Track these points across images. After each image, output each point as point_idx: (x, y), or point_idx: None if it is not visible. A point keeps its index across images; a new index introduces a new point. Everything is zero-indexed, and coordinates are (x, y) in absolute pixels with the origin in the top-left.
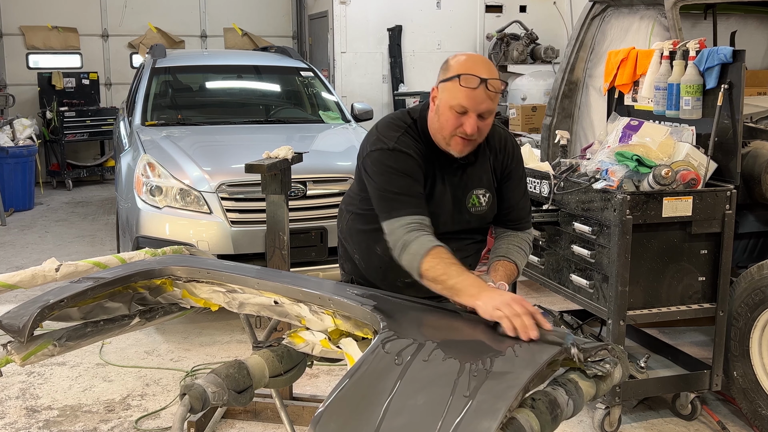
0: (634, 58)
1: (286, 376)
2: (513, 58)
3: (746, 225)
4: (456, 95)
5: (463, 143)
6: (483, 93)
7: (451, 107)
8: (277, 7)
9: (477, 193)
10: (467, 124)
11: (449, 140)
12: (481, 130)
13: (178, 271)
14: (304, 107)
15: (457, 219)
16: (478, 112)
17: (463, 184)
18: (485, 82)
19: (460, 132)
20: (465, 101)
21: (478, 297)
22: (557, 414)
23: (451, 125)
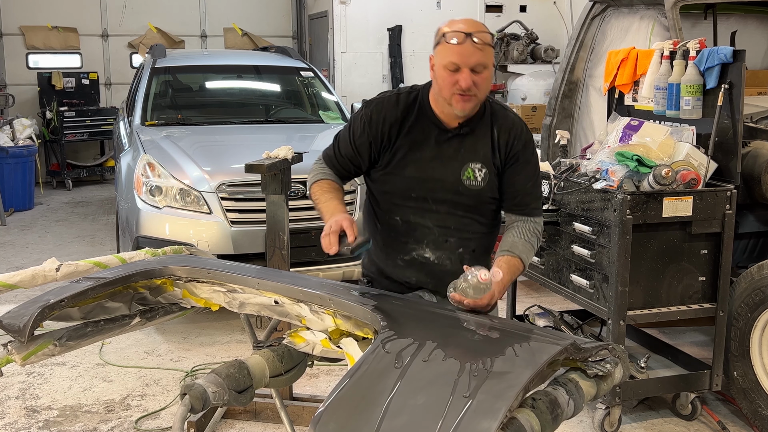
0: (634, 58)
1: (286, 375)
2: (513, 58)
3: (746, 225)
4: (446, 54)
5: (463, 100)
6: (470, 47)
7: (444, 67)
8: (277, 7)
9: (473, 167)
10: (462, 79)
11: (450, 100)
12: (477, 84)
13: (179, 271)
14: (304, 107)
15: (451, 189)
16: (470, 66)
17: (459, 156)
18: (470, 35)
19: (457, 89)
20: (454, 57)
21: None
22: (558, 414)
23: (448, 84)
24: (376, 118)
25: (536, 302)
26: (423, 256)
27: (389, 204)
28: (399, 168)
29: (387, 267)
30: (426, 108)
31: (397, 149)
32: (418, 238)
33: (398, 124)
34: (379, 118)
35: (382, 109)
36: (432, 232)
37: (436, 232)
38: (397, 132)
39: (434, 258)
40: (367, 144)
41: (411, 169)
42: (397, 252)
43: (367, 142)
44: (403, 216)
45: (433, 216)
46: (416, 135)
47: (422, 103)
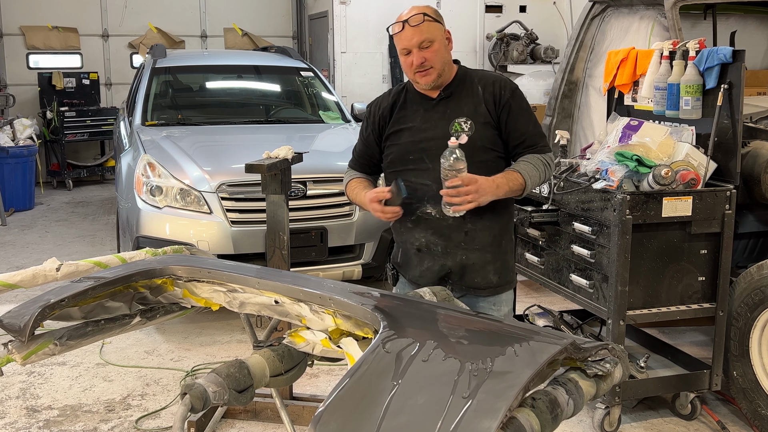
0: (634, 58)
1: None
2: (513, 58)
3: (746, 225)
4: (397, 44)
5: (422, 75)
6: (409, 30)
7: (400, 53)
8: (277, 7)
9: (458, 120)
10: (414, 57)
11: (414, 78)
12: (428, 58)
13: (179, 271)
14: (304, 107)
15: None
16: (415, 45)
17: (445, 116)
18: (405, 22)
19: (414, 68)
20: (401, 43)
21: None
22: (557, 413)
23: (407, 66)
24: (374, 111)
25: (536, 302)
26: (426, 212)
27: (393, 174)
28: (396, 139)
29: (402, 235)
30: (411, 90)
31: (392, 125)
32: (419, 197)
33: (390, 107)
34: (376, 109)
35: (378, 102)
36: (431, 189)
37: (434, 188)
38: (390, 113)
39: (435, 212)
40: (373, 134)
41: (405, 136)
42: (406, 215)
43: (373, 133)
44: (405, 180)
45: (431, 173)
46: (407, 111)
47: (408, 87)
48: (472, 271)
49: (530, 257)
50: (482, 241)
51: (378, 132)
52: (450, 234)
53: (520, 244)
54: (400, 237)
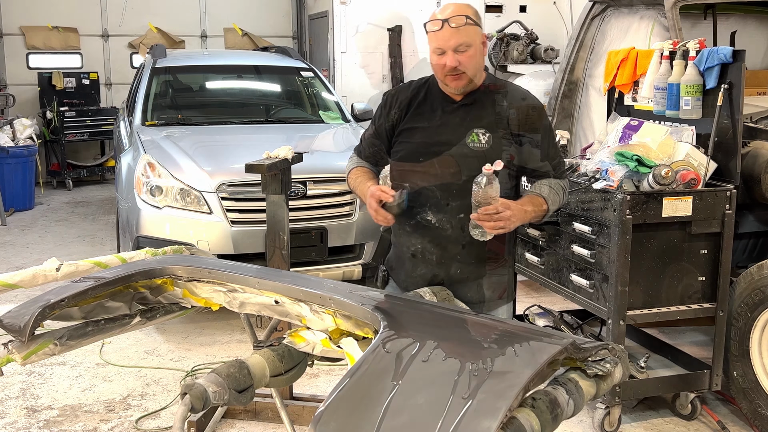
0: (634, 58)
1: (286, 375)
2: (513, 58)
3: (746, 225)
4: (431, 41)
5: (454, 78)
6: (448, 31)
7: (432, 52)
8: (277, 7)
9: (477, 131)
10: (447, 60)
11: (444, 80)
12: (463, 62)
13: (179, 271)
14: (304, 107)
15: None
16: (451, 47)
17: (464, 123)
18: (446, 21)
19: (447, 70)
20: (436, 42)
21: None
22: (557, 413)
23: (438, 67)
24: (391, 101)
25: (536, 302)
26: (425, 219)
27: (400, 172)
28: (409, 136)
29: (399, 237)
30: (434, 88)
31: (408, 121)
32: (422, 202)
33: (408, 101)
34: (394, 100)
35: (396, 92)
36: (434, 195)
37: (438, 195)
38: (407, 107)
39: (435, 221)
40: (386, 124)
41: (419, 136)
42: (405, 218)
43: (386, 123)
44: (411, 181)
45: (438, 179)
46: (425, 108)
47: (431, 84)
48: (465, 284)
49: (530, 257)
50: (479, 256)
51: (392, 123)
52: (447, 245)
53: (520, 244)
54: (397, 239)
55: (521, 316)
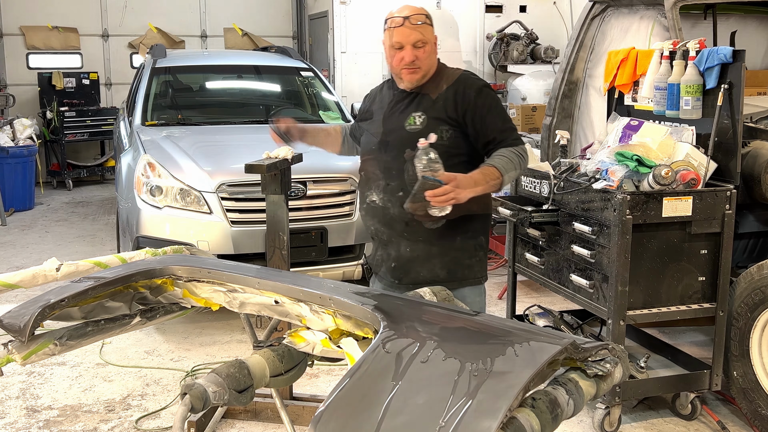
0: (634, 58)
1: (286, 375)
2: (513, 58)
3: (746, 225)
4: (389, 36)
5: (409, 72)
6: (408, 27)
7: (390, 47)
8: (277, 7)
9: (414, 115)
10: (405, 54)
11: (399, 74)
12: (420, 57)
13: (179, 271)
14: (304, 107)
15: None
16: (410, 43)
17: (407, 111)
18: (407, 18)
19: (404, 64)
20: (396, 37)
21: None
22: (557, 413)
23: (395, 61)
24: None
25: (536, 302)
26: (373, 201)
27: (361, 162)
28: (366, 127)
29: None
30: (392, 82)
31: (367, 114)
32: (370, 186)
33: (372, 97)
34: (367, 98)
35: (370, 91)
36: (379, 177)
37: (381, 176)
38: (370, 102)
39: (379, 201)
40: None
41: (373, 126)
42: (361, 201)
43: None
44: (365, 168)
45: (382, 163)
46: (380, 101)
47: (392, 81)
48: (416, 263)
49: (530, 257)
50: (426, 233)
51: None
52: (393, 224)
53: (520, 244)
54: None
55: (521, 316)
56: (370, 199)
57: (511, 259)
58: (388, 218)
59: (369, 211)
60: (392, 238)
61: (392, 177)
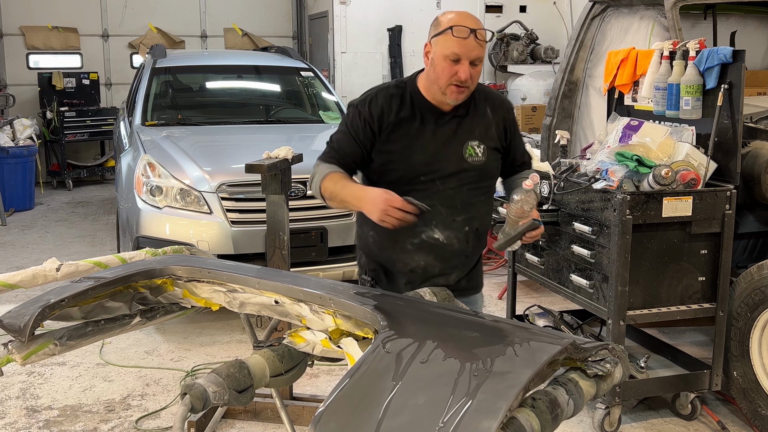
0: (634, 58)
1: (286, 375)
2: (513, 58)
3: (746, 225)
4: (449, 45)
5: (458, 91)
6: (473, 41)
7: (445, 57)
8: (277, 8)
9: (471, 144)
10: (461, 70)
11: (445, 89)
12: (473, 77)
13: (179, 271)
14: (304, 107)
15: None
16: (470, 59)
17: (457, 136)
18: (474, 32)
19: (455, 80)
20: (458, 49)
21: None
22: (557, 413)
23: (447, 74)
24: (376, 113)
25: (536, 302)
26: (433, 237)
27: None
28: (404, 155)
29: (394, 254)
30: (418, 97)
31: (398, 139)
32: (426, 220)
33: (395, 115)
34: (378, 112)
35: (377, 103)
36: (440, 212)
37: (444, 212)
38: (395, 123)
39: (443, 238)
40: (371, 139)
41: (417, 155)
42: (406, 237)
43: (371, 137)
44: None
45: (441, 196)
46: (415, 122)
47: (413, 92)
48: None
49: (530, 257)
50: (474, 259)
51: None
52: (452, 258)
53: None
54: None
55: (521, 316)
56: (428, 236)
57: (511, 259)
58: (448, 253)
59: (423, 247)
60: (445, 270)
61: (457, 212)
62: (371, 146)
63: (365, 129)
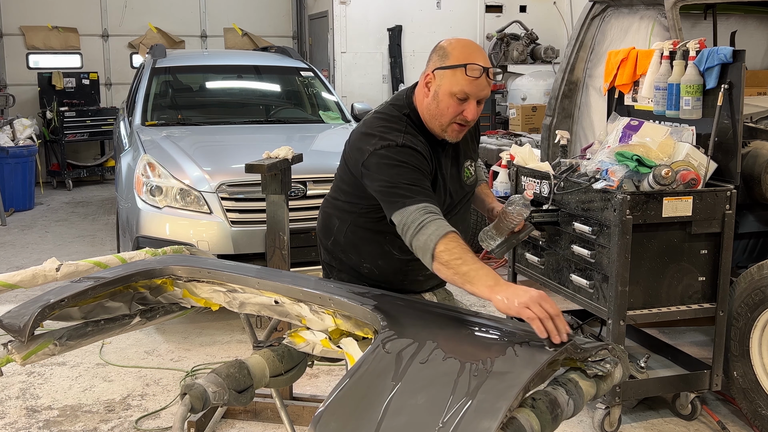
0: (634, 58)
1: (286, 375)
2: (513, 58)
3: (746, 225)
4: (460, 83)
5: (460, 129)
6: (484, 81)
7: (452, 94)
8: (277, 7)
9: (466, 165)
10: (468, 110)
11: (446, 127)
12: (476, 117)
13: (179, 271)
14: (304, 107)
15: (459, 193)
16: (479, 98)
17: (456, 162)
18: (486, 71)
19: (460, 119)
20: (469, 89)
21: (495, 290)
22: (557, 414)
23: (452, 112)
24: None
25: None
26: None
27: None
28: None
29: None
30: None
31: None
32: None
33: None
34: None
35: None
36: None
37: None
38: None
39: None
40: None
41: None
42: (418, 270)
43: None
44: None
45: (457, 220)
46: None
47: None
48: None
49: (530, 257)
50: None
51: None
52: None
53: (520, 244)
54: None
55: None
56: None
57: (511, 259)
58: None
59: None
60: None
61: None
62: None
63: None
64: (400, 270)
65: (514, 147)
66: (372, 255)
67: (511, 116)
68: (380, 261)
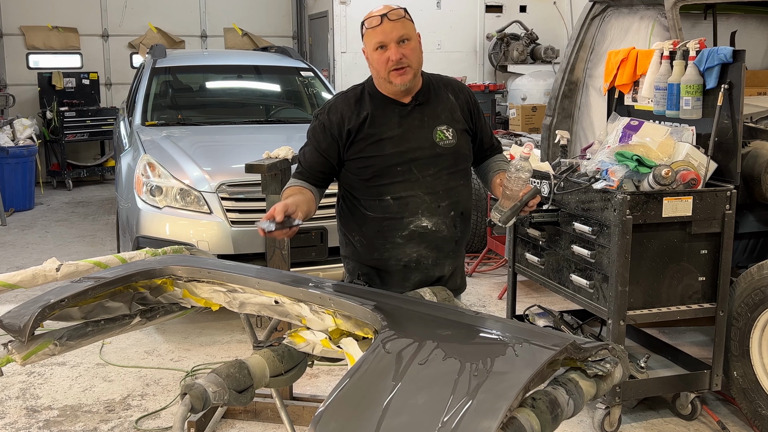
0: (634, 58)
1: (286, 375)
2: (513, 58)
3: (746, 225)
4: (371, 38)
5: (400, 73)
6: (388, 24)
7: (373, 49)
8: (277, 7)
9: (440, 129)
10: (391, 53)
11: (388, 77)
12: (407, 55)
13: (179, 271)
14: (304, 107)
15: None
16: (394, 40)
17: (425, 124)
18: (385, 15)
19: (390, 64)
20: (377, 37)
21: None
22: (557, 413)
23: (381, 63)
24: (335, 120)
25: (536, 302)
26: (421, 226)
27: (376, 189)
28: (377, 151)
29: (385, 252)
30: (377, 95)
31: (365, 137)
32: (412, 210)
33: (356, 117)
34: (337, 118)
35: (336, 110)
36: (424, 200)
37: (428, 200)
38: (358, 125)
39: (431, 225)
40: (335, 147)
41: (389, 146)
42: (394, 231)
43: (334, 144)
44: (394, 193)
45: (422, 184)
46: (379, 119)
47: (372, 92)
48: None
49: (530, 257)
50: (463, 246)
51: (344, 145)
52: (443, 245)
53: (520, 244)
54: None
55: (521, 316)
56: (417, 225)
57: (511, 259)
58: (439, 241)
59: (414, 238)
60: (438, 260)
61: (441, 197)
62: (337, 154)
63: (326, 138)
64: (378, 233)
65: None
66: (357, 224)
67: (511, 116)
68: (363, 228)
